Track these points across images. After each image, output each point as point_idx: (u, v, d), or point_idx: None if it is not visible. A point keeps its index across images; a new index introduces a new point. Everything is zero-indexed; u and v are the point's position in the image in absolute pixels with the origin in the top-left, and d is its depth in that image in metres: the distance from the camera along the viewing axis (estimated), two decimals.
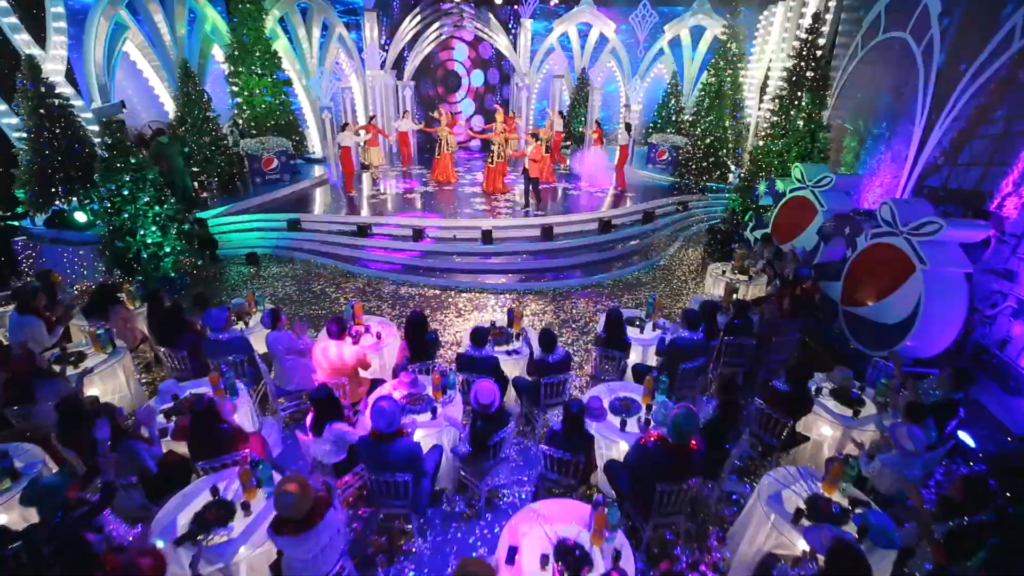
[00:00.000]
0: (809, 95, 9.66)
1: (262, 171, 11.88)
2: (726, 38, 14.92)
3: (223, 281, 9.00)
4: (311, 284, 8.91)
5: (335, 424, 3.92)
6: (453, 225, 10.29)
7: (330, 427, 3.91)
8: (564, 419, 3.95)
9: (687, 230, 12.12)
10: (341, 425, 3.94)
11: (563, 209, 11.31)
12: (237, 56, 11.86)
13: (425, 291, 8.77)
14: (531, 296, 8.67)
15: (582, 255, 9.87)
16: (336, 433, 3.90)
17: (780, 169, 10.14)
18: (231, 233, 10.32)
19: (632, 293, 8.94)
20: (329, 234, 10.27)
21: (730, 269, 7.98)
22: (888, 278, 6.08)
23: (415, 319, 5.07)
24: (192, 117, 10.12)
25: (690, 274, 9.83)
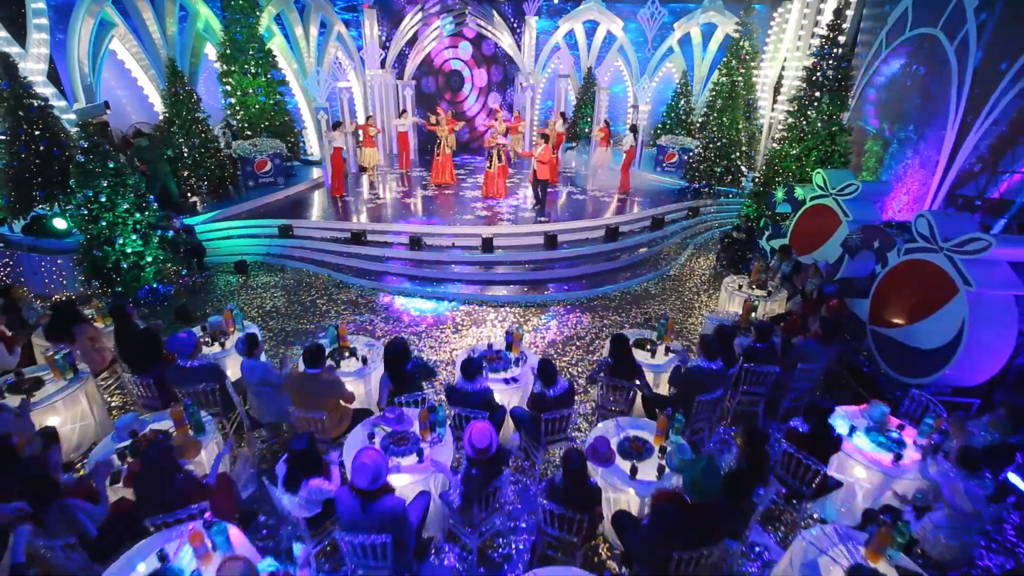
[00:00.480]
0: (829, 96, 9.10)
1: (255, 174, 11.43)
2: (739, 36, 14.35)
3: (210, 291, 8.55)
4: (301, 295, 8.45)
5: (313, 480, 3.44)
6: (452, 232, 9.80)
7: (306, 484, 3.43)
8: (564, 474, 3.45)
9: (698, 237, 11.57)
10: (319, 482, 3.46)
11: (567, 215, 10.79)
12: (230, 55, 11.41)
13: (421, 303, 8.28)
14: (533, 309, 8.16)
15: (587, 265, 9.35)
16: (313, 491, 3.42)
17: (798, 174, 9.59)
18: (220, 240, 9.88)
19: (641, 306, 8.41)
20: (322, 241, 9.80)
21: (747, 283, 7.44)
22: (925, 298, 5.53)
23: (394, 350, 4.56)
24: (180, 119, 9.68)
25: (702, 285, 9.29)
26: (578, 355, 6.99)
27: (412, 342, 7.15)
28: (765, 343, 5.27)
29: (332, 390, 4.39)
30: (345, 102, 12.84)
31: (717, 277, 9.65)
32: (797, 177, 9.59)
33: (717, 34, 16.83)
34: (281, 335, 7.28)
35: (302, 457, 3.44)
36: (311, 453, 3.48)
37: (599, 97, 14.77)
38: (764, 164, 10.41)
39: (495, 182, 11.40)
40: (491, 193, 11.46)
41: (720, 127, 12.19)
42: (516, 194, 12.09)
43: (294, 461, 3.46)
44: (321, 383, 4.34)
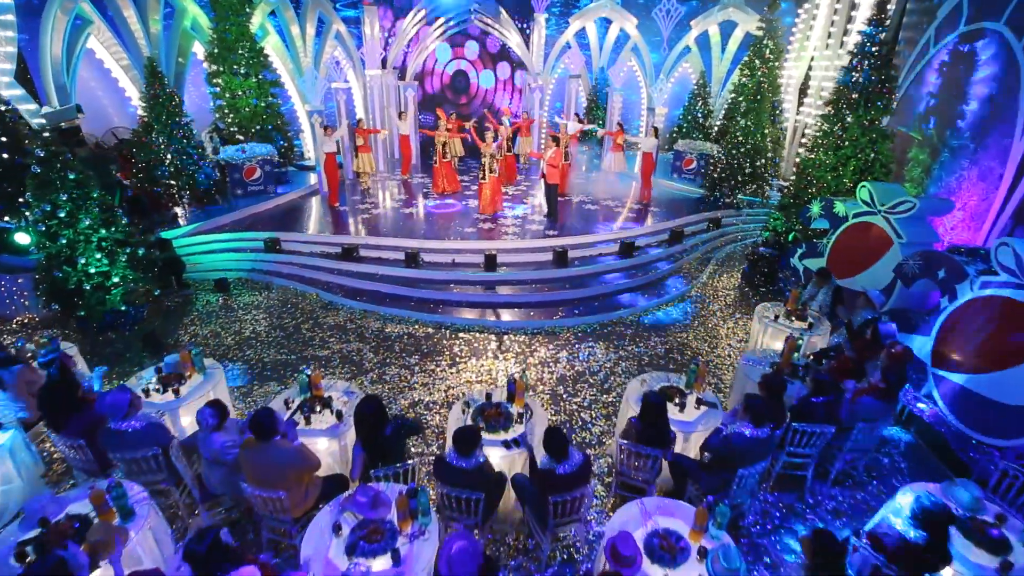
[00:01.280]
0: (870, 98, 8.17)
1: (243, 182, 10.69)
2: (762, 33, 13.40)
3: (186, 313, 7.80)
4: (284, 319, 7.67)
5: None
6: (451, 247, 8.98)
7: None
8: None
9: (720, 252, 10.67)
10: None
11: (578, 227, 9.94)
12: (218, 54, 10.69)
13: (415, 329, 7.47)
14: (540, 337, 7.32)
15: (600, 285, 8.49)
16: None
17: (834, 185, 8.66)
18: (202, 255, 9.14)
19: (660, 334, 7.55)
20: (311, 256, 9.03)
21: (783, 313, 6.54)
22: (1011, 343, 4.62)
23: (365, 414, 3.73)
24: (160, 123, 8.96)
25: (727, 309, 8.40)
26: (591, 394, 6.14)
27: (403, 377, 6.34)
28: (821, 398, 4.39)
29: (293, 463, 3.58)
30: (342, 104, 12.09)
31: (743, 299, 8.77)
32: (832, 188, 8.67)
33: (736, 32, 15.89)
34: (257, 366, 6.50)
35: (203, 561, 2.62)
36: (217, 554, 2.65)
37: (612, 99, 13.89)
38: (795, 173, 9.48)
39: (485, 195, 10.16)
40: (488, 208, 10.28)
41: (744, 131, 11.25)
42: (525, 201, 11.25)
43: (194, 565, 2.64)
44: (279, 456, 3.54)
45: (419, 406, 5.85)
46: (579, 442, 5.40)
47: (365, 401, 3.80)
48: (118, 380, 6.10)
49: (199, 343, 6.98)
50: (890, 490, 4.80)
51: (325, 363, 6.60)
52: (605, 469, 5.04)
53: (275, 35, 12.95)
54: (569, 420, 5.70)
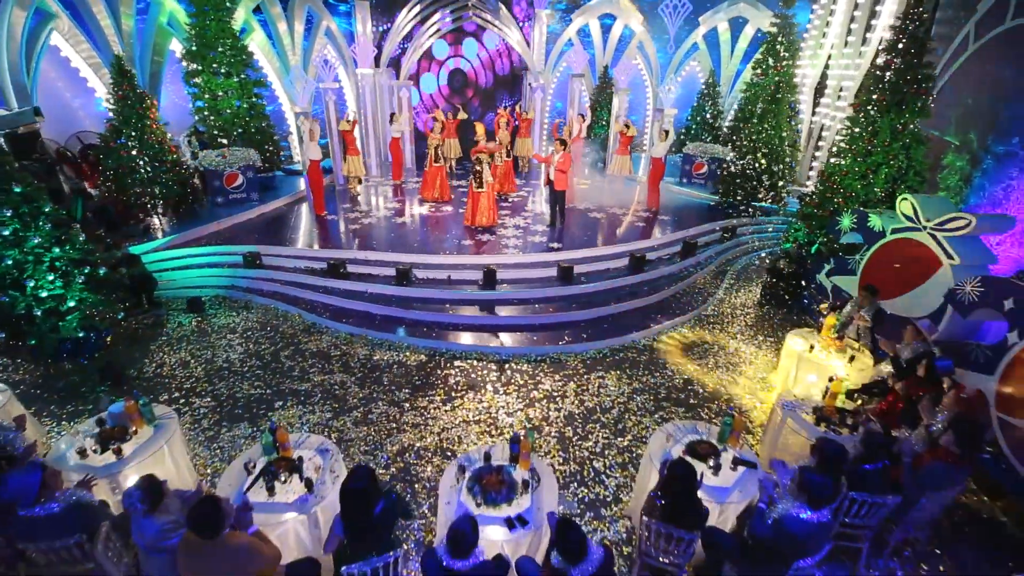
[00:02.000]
0: (905, 100, 7.46)
1: (224, 189, 9.96)
2: (776, 30, 12.69)
3: (155, 338, 7.08)
4: (262, 345, 6.95)
5: None
6: (446, 262, 8.26)
7: None
8: None
9: (736, 263, 9.97)
10: None
11: (584, 239, 9.22)
12: (196, 51, 9.94)
13: (407, 356, 6.75)
14: (545, 366, 6.61)
15: (610, 304, 7.77)
16: None
17: (863, 194, 7.96)
18: (177, 271, 8.41)
19: (676, 361, 6.84)
20: (295, 272, 8.30)
21: (819, 341, 5.84)
22: None
23: (355, 492, 3.01)
24: (130, 126, 8.22)
25: (748, 331, 7.70)
26: (603, 436, 5.43)
27: (391, 417, 5.63)
28: (876, 465, 3.69)
29: (245, 565, 2.87)
30: (332, 105, 11.35)
31: (764, 319, 8.07)
32: (862, 198, 7.97)
33: (747, 29, 15.20)
34: (227, 404, 5.78)
35: None
36: None
37: (618, 99, 13.16)
38: (818, 179, 8.77)
39: (479, 206, 9.28)
40: (475, 219, 9.36)
41: (760, 135, 10.53)
42: (524, 210, 10.53)
43: None
44: (226, 556, 2.82)
45: (409, 453, 5.14)
46: (592, 499, 4.69)
47: (355, 475, 3.08)
48: (66, 423, 5.39)
49: (165, 374, 6.26)
50: (960, 564, 4.11)
51: (304, 399, 5.88)
52: (623, 535, 4.34)
53: (260, 32, 12.23)
54: (580, 470, 4.99)
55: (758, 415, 5.91)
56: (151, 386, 6.05)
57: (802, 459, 4.34)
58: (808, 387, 5.68)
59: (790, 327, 7.79)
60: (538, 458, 4.05)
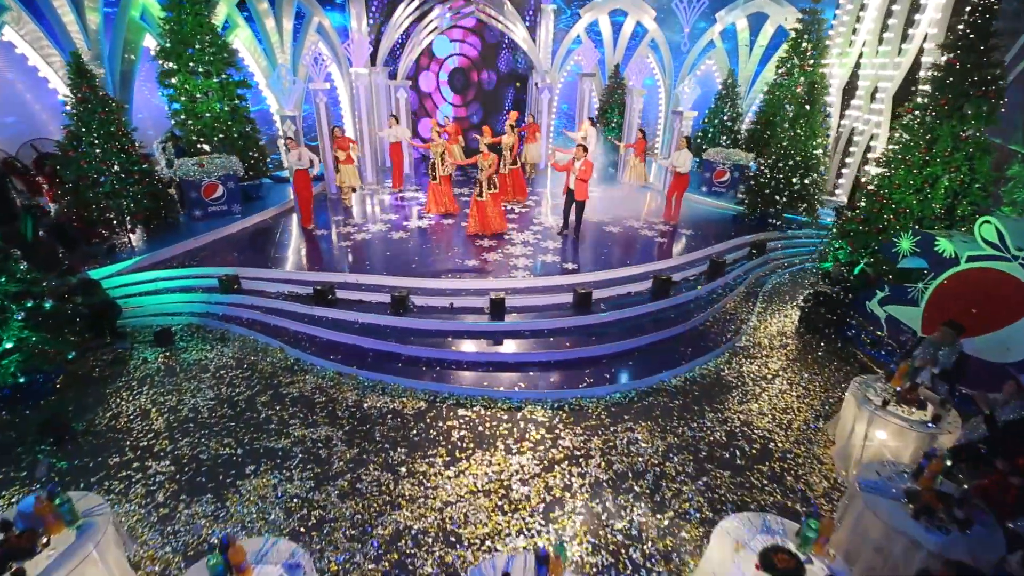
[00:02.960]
0: (974, 104, 6.56)
1: (203, 201, 9.03)
2: (802, 27, 11.78)
3: (115, 377, 6.16)
4: (237, 387, 6.02)
5: None
6: (449, 287, 7.35)
7: None
8: None
9: (764, 283, 9.07)
10: None
11: (601, 259, 8.31)
12: (171, 49, 9.00)
13: (404, 402, 5.83)
14: (563, 414, 5.69)
15: (634, 336, 6.86)
16: None
17: (918, 210, 7.06)
18: (146, 296, 7.48)
19: (713, 406, 5.93)
20: (277, 297, 7.38)
21: (890, 394, 4.92)
22: None
23: None
24: (91, 133, 7.28)
25: (791, 367, 6.80)
26: (639, 513, 4.50)
27: (384, 486, 4.70)
28: None
29: None
30: (322, 107, 10.43)
31: (806, 351, 7.17)
32: (917, 214, 7.07)
33: (767, 27, 14.28)
34: (189, 468, 4.85)
35: None
36: None
37: (631, 101, 12.24)
38: (865, 193, 7.86)
39: (485, 214, 8.80)
40: (480, 228, 8.87)
41: (793, 141, 9.60)
42: (534, 223, 9.61)
43: None
44: None
45: (404, 538, 4.22)
46: None
47: None
48: None
49: (120, 428, 5.34)
50: None
51: (282, 461, 4.96)
52: None
53: (246, 28, 11.30)
54: (615, 562, 4.08)
55: (816, 479, 5.00)
56: (101, 444, 5.12)
57: (885, 551, 3.49)
58: (878, 449, 4.78)
59: (837, 362, 6.94)
60: (557, 521, 3.13)
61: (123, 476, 4.72)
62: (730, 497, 4.71)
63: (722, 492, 4.76)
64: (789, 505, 4.66)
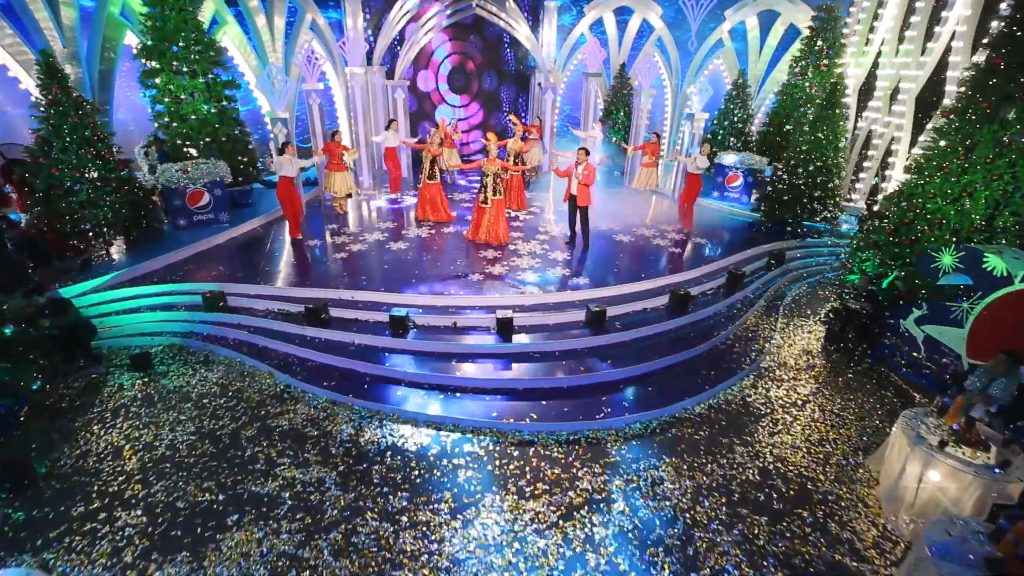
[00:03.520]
0: (1019, 107, 6.08)
1: (187, 210, 8.46)
2: (818, 25, 11.33)
3: (87, 408, 5.61)
4: (221, 418, 5.48)
5: None
6: (452, 304, 6.82)
7: None
8: None
9: (784, 295, 8.58)
10: None
11: (613, 271, 7.80)
12: (153, 47, 8.43)
13: (404, 436, 5.30)
14: (580, 450, 5.18)
15: (651, 358, 6.35)
16: None
17: (955, 221, 6.59)
18: (124, 314, 6.92)
19: (743, 437, 5.44)
20: (267, 315, 6.83)
21: (946, 433, 4.44)
22: None
23: None
24: (63, 138, 6.71)
25: (820, 389, 6.31)
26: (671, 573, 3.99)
27: (383, 541, 4.17)
28: None
29: None
30: (315, 109, 9.87)
31: (836, 373, 6.68)
32: (954, 225, 6.60)
33: (777, 25, 13.79)
34: (163, 519, 4.31)
35: None
36: None
37: (639, 102, 11.74)
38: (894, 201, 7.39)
39: (489, 221, 8.41)
40: (483, 235, 8.47)
41: (813, 145, 9.10)
42: (539, 233, 9.09)
43: None
44: None
45: None
46: None
47: None
48: None
49: (88, 469, 4.80)
50: None
51: (268, 509, 4.43)
52: None
53: (235, 25, 10.74)
54: None
55: (863, 525, 4.51)
56: (66, 489, 4.58)
57: None
58: (933, 493, 4.29)
59: (870, 385, 6.46)
60: None
61: (87, 530, 4.17)
62: (771, 549, 4.21)
63: (761, 543, 4.26)
64: (838, 559, 4.16)
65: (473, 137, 14.27)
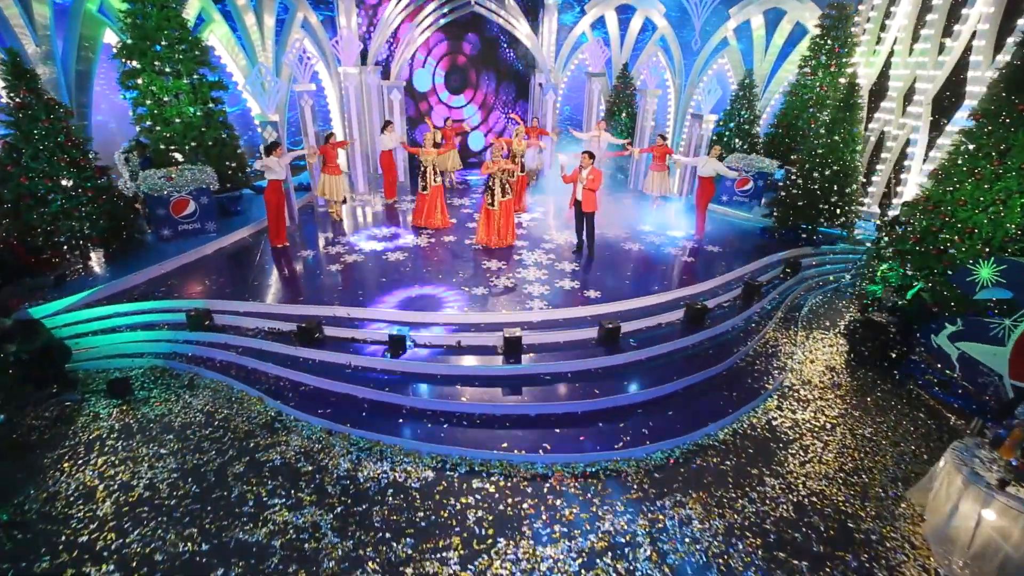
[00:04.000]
0: None
1: (171, 219, 7.97)
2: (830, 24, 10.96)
3: (60, 440, 5.13)
4: (206, 452, 5.02)
5: None
6: (455, 321, 6.39)
7: None
8: None
9: (800, 307, 8.20)
10: None
11: (625, 283, 7.39)
12: (133, 46, 7.92)
13: (407, 471, 4.85)
14: (599, 485, 4.76)
15: (669, 379, 5.94)
16: None
17: (987, 231, 6.23)
18: (100, 335, 6.42)
19: (772, 468, 5.04)
20: (256, 333, 6.36)
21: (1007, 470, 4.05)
22: None
23: None
24: (34, 143, 6.20)
25: (848, 410, 5.93)
26: None
27: None
28: None
29: None
30: (308, 111, 9.40)
31: (864, 392, 6.30)
32: (987, 234, 6.25)
33: (784, 24, 13.42)
34: (140, 571, 3.85)
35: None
36: None
37: (644, 103, 11.33)
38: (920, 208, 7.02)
39: (499, 223, 8.19)
40: (494, 240, 8.25)
41: (830, 148, 8.71)
42: (544, 241, 8.66)
43: None
44: None
45: None
46: None
47: None
48: None
49: (56, 515, 4.32)
50: None
51: (257, 562, 3.97)
52: None
53: (223, 24, 10.23)
54: None
55: (912, 570, 4.12)
56: (29, 540, 4.10)
57: None
58: (991, 536, 3.91)
59: (900, 405, 6.09)
60: None
61: None
62: None
63: None
64: None
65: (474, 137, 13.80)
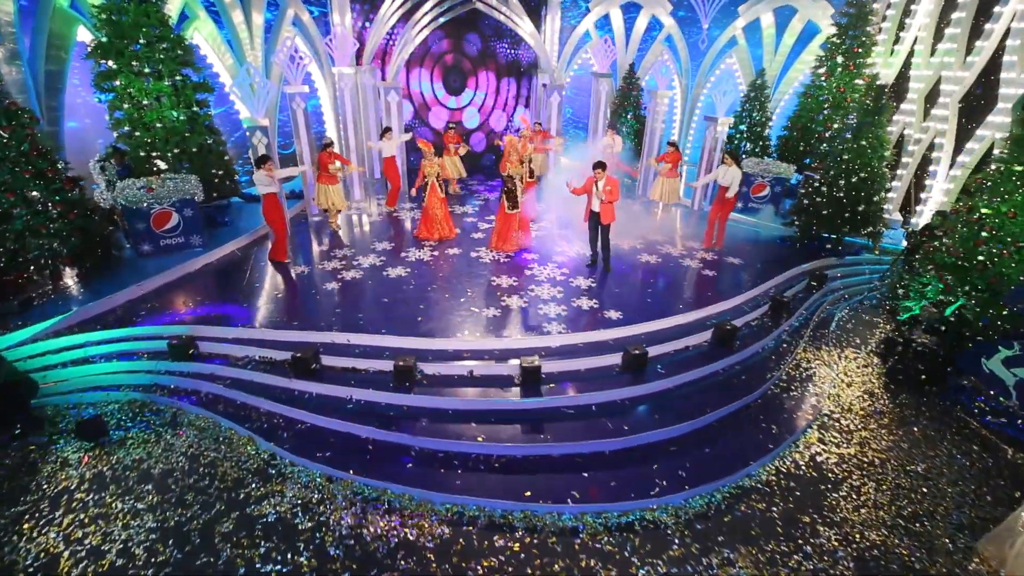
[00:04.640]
0: None
1: (152, 233, 7.34)
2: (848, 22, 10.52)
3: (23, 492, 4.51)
4: (189, 505, 4.43)
5: None
6: (466, 348, 5.83)
7: None
8: None
9: (830, 322, 7.73)
10: None
11: (643, 301, 6.88)
12: (109, 45, 7.27)
13: (419, 526, 4.30)
14: (634, 539, 4.23)
15: (703, 410, 5.43)
16: None
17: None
18: (71, 366, 5.78)
19: (824, 514, 4.54)
20: (247, 365, 5.77)
21: None
22: None
23: None
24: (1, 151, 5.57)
25: (896, 442, 5.45)
26: None
27: None
28: None
29: None
30: (300, 113, 8.79)
31: (907, 422, 5.82)
32: None
33: (794, 23, 12.97)
34: None
35: None
36: None
37: (654, 105, 10.83)
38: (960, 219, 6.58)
39: (511, 229, 7.90)
40: (511, 245, 7.97)
41: (856, 154, 8.23)
42: (556, 254, 8.13)
43: None
44: None
45: None
46: None
47: None
48: None
49: None
50: None
51: None
52: None
53: (208, 21, 9.59)
54: None
55: None
56: None
57: None
58: None
59: (950, 435, 5.62)
60: None
61: None
62: None
63: None
64: None
65: (474, 139, 13.23)
